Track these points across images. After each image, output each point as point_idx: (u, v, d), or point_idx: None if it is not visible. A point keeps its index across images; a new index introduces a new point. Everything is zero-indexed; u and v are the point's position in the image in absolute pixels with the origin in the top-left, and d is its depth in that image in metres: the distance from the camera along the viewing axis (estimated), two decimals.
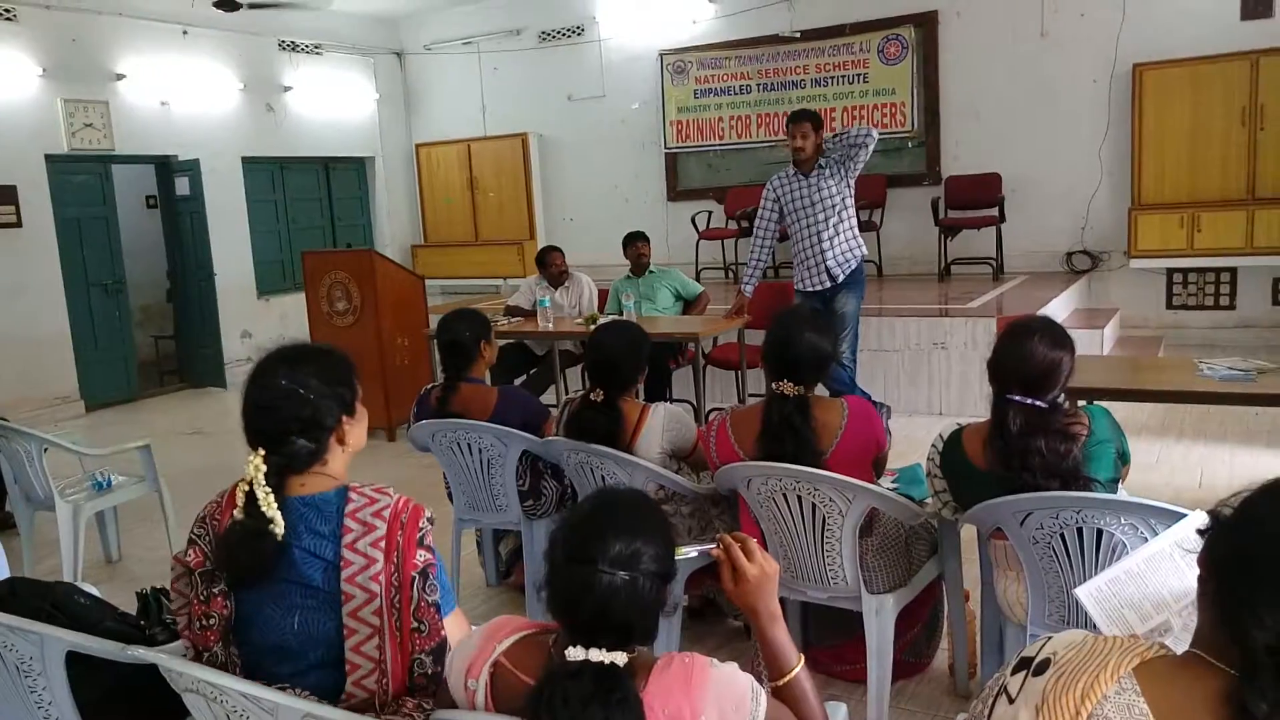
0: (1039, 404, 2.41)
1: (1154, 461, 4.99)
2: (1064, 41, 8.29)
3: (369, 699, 1.69)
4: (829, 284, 5.59)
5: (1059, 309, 6.97)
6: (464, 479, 3.64)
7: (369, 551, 1.67)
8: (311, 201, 10.95)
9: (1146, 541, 2.18)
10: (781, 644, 1.63)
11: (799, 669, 1.62)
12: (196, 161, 9.21)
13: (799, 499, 2.73)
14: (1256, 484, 1.14)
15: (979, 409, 2.72)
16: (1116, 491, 2.48)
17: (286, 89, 10.35)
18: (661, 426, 3.18)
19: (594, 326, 4.11)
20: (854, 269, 5.61)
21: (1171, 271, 8.22)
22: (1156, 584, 1.71)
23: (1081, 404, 2.87)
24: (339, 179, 11.24)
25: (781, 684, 1.61)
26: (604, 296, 6.67)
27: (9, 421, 4.39)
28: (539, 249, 7.05)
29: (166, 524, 4.43)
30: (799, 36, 9.30)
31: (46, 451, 4.22)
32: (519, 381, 6.33)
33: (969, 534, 2.80)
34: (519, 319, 6.42)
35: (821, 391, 2.94)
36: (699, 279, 8.06)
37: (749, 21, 9.59)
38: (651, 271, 6.52)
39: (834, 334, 2.99)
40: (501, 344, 5.36)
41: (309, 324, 7.00)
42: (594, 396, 3.19)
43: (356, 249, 9.20)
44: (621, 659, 1.39)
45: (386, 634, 1.67)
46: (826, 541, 2.75)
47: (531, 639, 1.55)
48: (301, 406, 1.73)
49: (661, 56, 10.14)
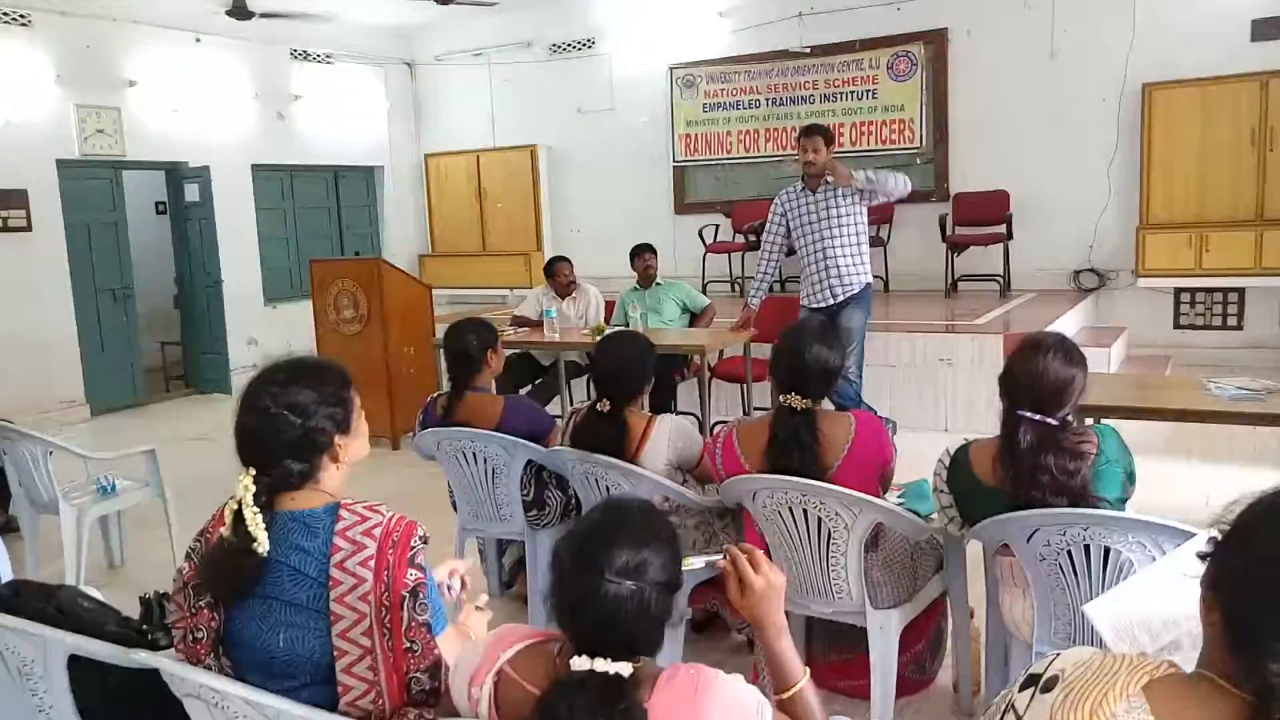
0: (1050, 421, 2.39)
1: (1162, 481, 4.96)
2: (1073, 61, 8.30)
3: (367, 716, 1.67)
4: (833, 301, 5.59)
5: (1066, 327, 6.94)
6: (468, 488, 3.63)
7: (358, 571, 1.65)
8: (320, 210, 10.99)
9: (1154, 560, 2.17)
10: (787, 657, 1.62)
11: (804, 682, 1.61)
12: (206, 168, 9.25)
13: (805, 513, 2.72)
14: (1248, 497, 1.12)
15: (985, 425, 2.70)
16: (1124, 511, 2.46)
17: (297, 98, 10.40)
18: (668, 438, 3.17)
19: (600, 337, 4.10)
20: (857, 291, 5.61)
21: (1179, 291, 8.20)
22: (1167, 601, 1.69)
23: (1090, 422, 2.86)
24: (348, 188, 11.28)
25: (786, 697, 1.60)
26: (611, 308, 6.67)
27: (15, 424, 4.39)
28: (547, 259, 7.06)
29: (170, 530, 4.41)
30: (809, 52, 9.33)
31: (52, 455, 4.22)
32: (525, 391, 6.33)
33: (975, 550, 2.78)
34: (526, 329, 6.42)
35: (827, 406, 2.94)
36: (705, 292, 8.05)
37: (759, 36, 9.63)
38: (659, 284, 6.52)
39: (842, 347, 2.98)
40: (508, 354, 5.37)
41: (315, 332, 7.00)
42: (600, 407, 3.19)
43: (364, 258, 9.21)
44: (627, 669, 1.38)
45: (379, 654, 1.65)
46: (832, 556, 2.74)
47: (536, 648, 1.54)
48: (290, 430, 1.71)
49: (671, 70, 10.17)
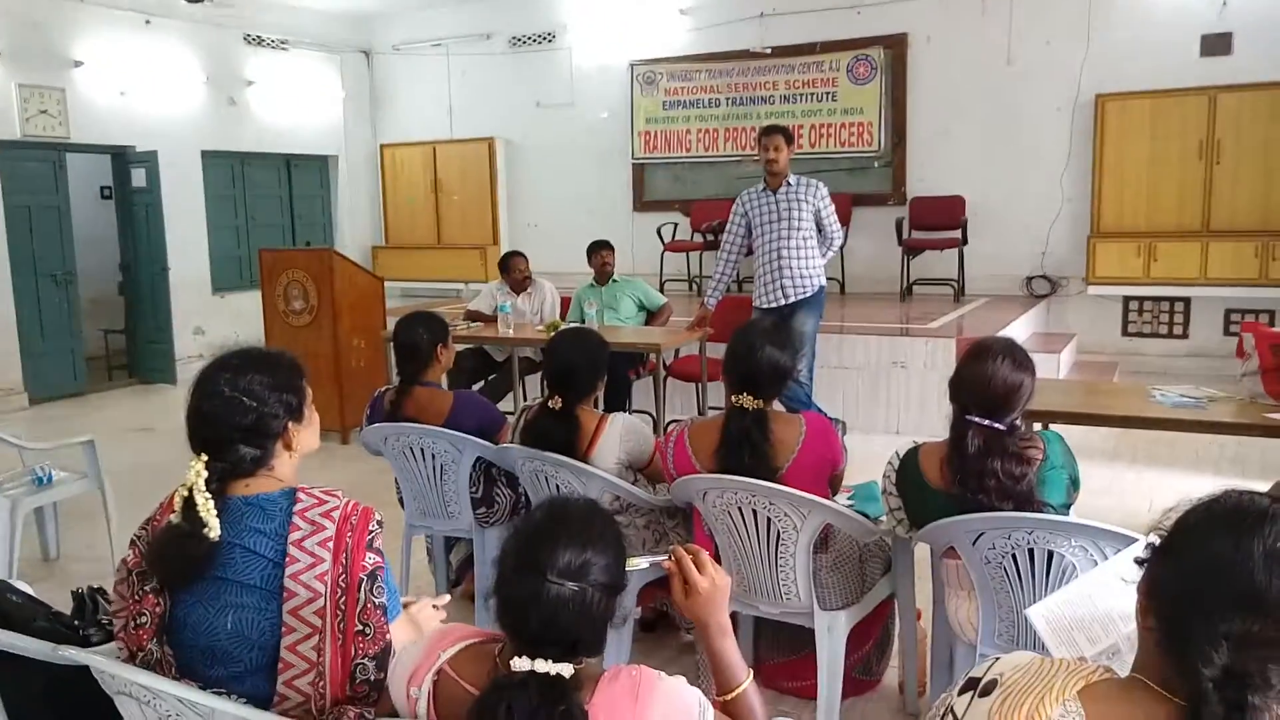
0: (997, 426, 2.42)
1: (1106, 486, 5.05)
2: (1029, 70, 8.42)
3: (305, 704, 1.65)
4: (785, 301, 5.62)
5: (1018, 332, 7.05)
6: (416, 484, 3.59)
7: (316, 550, 1.65)
8: (271, 198, 10.82)
9: (1097, 564, 2.20)
10: (730, 658, 1.62)
11: (747, 684, 1.61)
12: (155, 153, 9.04)
13: (754, 513, 2.72)
14: (1185, 503, 1.13)
15: (936, 428, 2.72)
16: (1068, 516, 2.49)
17: (250, 83, 10.22)
18: (619, 437, 3.15)
19: (554, 334, 4.07)
20: (810, 294, 5.65)
21: (1128, 299, 8.37)
22: (1105, 606, 1.71)
23: (1037, 428, 2.89)
24: (300, 176, 11.11)
25: (729, 699, 1.60)
26: (567, 304, 6.64)
27: None
28: (502, 253, 7.00)
29: (108, 522, 4.31)
30: (770, 52, 9.35)
31: None
32: (477, 387, 6.27)
33: (922, 552, 2.80)
34: (479, 324, 6.36)
35: (777, 408, 2.94)
36: (663, 291, 8.05)
37: (720, 35, 9.64)
38: (615, 281, 6.50)
39: (794, 348, 2.99)
40: (460, 349, 5.32)
41: (264, 322, 6.88)
42: (552, 404, 3.16)
43: (316, 248, 9.11)
44: (568, 670, 1.37)
45: (328, 636, 1.64)
46: (780, 557, 2.74)
47: (477, 648, 1.52)
48: (245, 414, 1.73)
49: (632, 67, 10.15)
